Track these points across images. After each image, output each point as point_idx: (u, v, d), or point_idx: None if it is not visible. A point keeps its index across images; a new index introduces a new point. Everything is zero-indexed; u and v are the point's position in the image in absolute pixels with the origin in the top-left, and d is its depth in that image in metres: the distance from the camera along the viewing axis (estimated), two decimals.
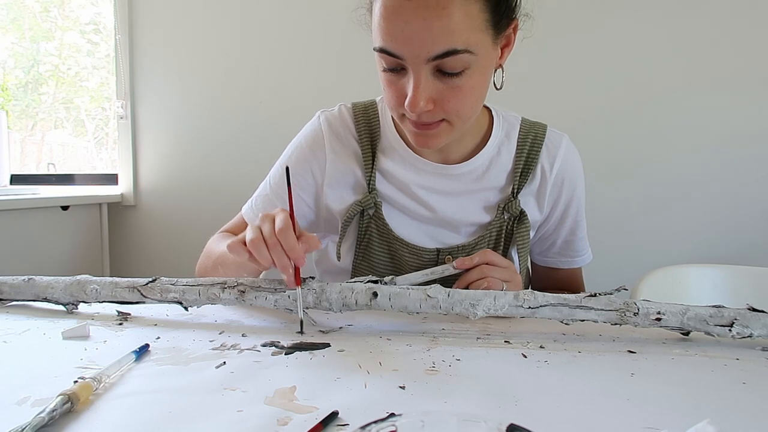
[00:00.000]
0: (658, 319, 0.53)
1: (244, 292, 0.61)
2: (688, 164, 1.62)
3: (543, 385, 0.45)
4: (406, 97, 0.62)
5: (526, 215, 0.76)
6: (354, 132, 0.80)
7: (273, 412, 0.39)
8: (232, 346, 0.54)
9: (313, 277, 0.61)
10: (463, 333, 0.59)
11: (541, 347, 0.55)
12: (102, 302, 0.65)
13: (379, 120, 0.80)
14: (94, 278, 0.66)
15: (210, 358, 0.51)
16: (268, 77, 1.90)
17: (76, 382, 0.42)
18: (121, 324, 0.62)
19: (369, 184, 0.78)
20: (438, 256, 0.77)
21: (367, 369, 0.48)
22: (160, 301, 0.63)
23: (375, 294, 0.58)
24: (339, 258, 0.78)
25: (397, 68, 0.62)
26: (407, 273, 0.66)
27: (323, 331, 0.60)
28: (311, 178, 0.81)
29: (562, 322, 0.55)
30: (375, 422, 0.31)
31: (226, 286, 0.62)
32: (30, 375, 0.47)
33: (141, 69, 2.01)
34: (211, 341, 0.56)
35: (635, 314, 0.53)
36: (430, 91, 0.61)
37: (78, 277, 0.66)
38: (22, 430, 0.35)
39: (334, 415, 0.38)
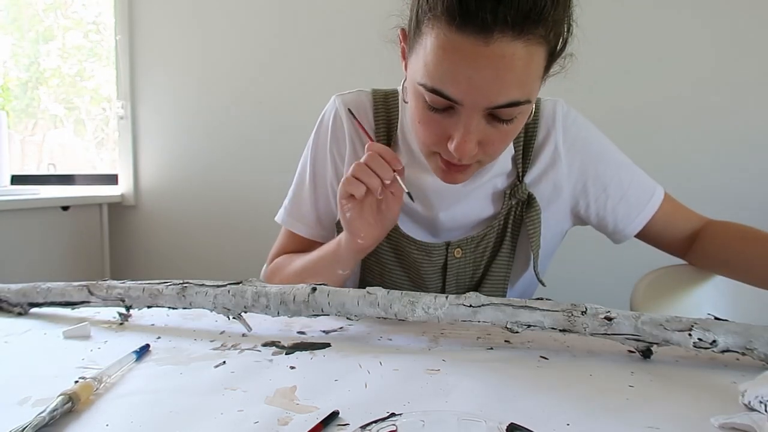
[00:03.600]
0: (608, 319, 0.50)
1: (186, 287, 0.60)
2: (690, 164, 1.63)
3: (543, 385, 0.45)
4: (448, 138, 0.58)
5: (535, 199, 0.73)
6: (371, 120, 0.76)
7: (273, 412, 0.39)
8: (232, 346, 0.54)
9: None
10: (464, 333, 0.59)
11: (541, 347, 0.55)
12: (51, 304, 0.65)
13: (398, 111, 0.76)
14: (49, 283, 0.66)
15: (210, 357, 0.51)
16: (268, 77, 1.90)
17: (76, 381, 0.42)
18: (122, 324, 0.62)
19: None
20: (447, 250, 0.76)
21: (368, 369, 0.48)
22: (105, 300, 0.62)
23: (314, 289, 0.57)
24: None
25: (444, 108, 0.57)
26: (417, 270, 0.63)
27: (324, 331, 0.60)
28: (340, 166, 0.78)
29: (506, 328, 0.52)
30: (375, 422, 0.31)
31: (168, 283, 0.61)
32: (31, 375, 0.47)
33: (141, 69, 2.01)
34: (211, 341, 0.56)
35: (583, 313, 0.50)
36: (479, 135, 0.58)
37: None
38: (23, 429, 0.35)
39: (334, 415, 0.38)
